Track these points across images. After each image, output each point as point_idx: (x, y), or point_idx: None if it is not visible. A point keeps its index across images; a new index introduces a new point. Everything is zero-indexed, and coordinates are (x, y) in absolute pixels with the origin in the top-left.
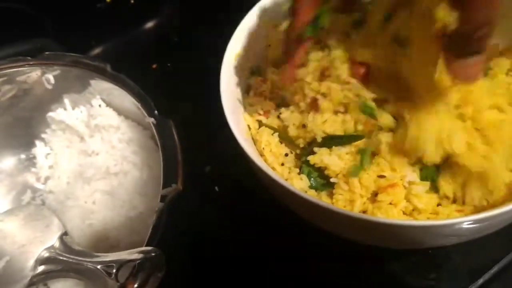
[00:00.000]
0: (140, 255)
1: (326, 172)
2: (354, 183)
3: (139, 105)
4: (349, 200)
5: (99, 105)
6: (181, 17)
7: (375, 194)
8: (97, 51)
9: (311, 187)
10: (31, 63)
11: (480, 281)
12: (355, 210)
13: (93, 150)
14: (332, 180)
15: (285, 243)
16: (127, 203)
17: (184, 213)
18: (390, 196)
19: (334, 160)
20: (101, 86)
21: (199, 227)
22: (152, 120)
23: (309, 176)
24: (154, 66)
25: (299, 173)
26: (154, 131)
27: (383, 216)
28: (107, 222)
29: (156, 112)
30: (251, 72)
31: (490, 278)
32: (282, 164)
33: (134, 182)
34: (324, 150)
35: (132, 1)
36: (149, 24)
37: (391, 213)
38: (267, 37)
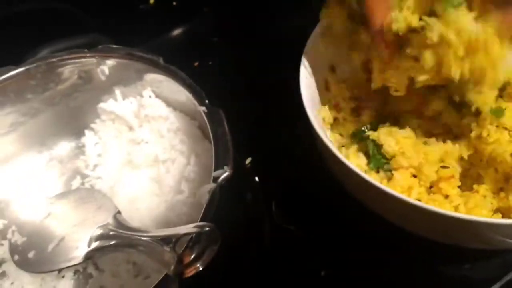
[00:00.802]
0: (196, 229)
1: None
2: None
3: (190, 95)
4: (407, 187)
5: (149, 96)
6: (220, 17)
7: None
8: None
9: (370, 167)
10: (87, 55)
11: None
12: (412, 197)
13: (142, 139)
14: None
15: (335, 229)
16: (174, 189)
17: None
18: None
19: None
20: (152, 78)
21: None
22: (203, 109)
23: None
24: (196, 64)
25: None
26: (206, 119)
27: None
28: (154, 207)
29: (207, 101)
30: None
31: None
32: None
33: (181, 168)
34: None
35: (174, 3)
36: (190, 24)
37: (444, 207)
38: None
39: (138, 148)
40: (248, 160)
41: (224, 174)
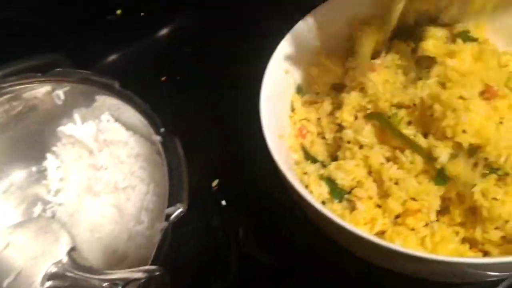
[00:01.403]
0: (145, 274)
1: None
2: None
3: (146, 122)
4: (370, 218)
5: (108, 120)
6: (192, 29)
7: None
8: (107, 62)
9: (333, 195)
10: (41, 79)
11: None
12: (375, 230)
13: (102, 165)
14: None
15: (298, 256)
16: (134, 218)
17: (191, 227)
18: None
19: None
20: (110, 101)
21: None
22: (158, 138)
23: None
24: (163, 78)
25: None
26: (160, 149)
27: (401, 242)
28: (115, 236)
29: (162, 129)
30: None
31: None
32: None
33: (141, 196)
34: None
35: (142, 14)
36: (159, 36)
37: (410, 240)
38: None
39: (98, 174)
40: (215, 183)
41: (177, 211)
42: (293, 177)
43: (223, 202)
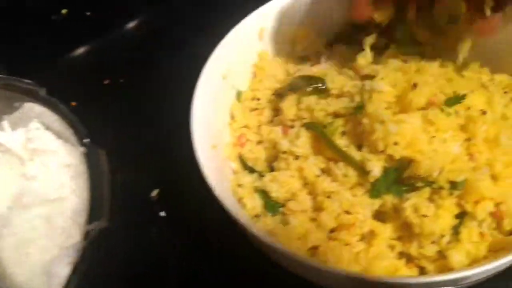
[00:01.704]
0: None
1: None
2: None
3: (70, 132)
4: (303, 232)
5: (37, 128)
6: (140, 33)
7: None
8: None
9: (267, 208)
10: None
11: None
12: (308, 245)
13: (32, 175)
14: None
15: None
16: (65, 231)
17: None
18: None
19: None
20: (37, 108)
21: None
22: (82, 149)
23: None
24: (107, 81)
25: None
26: (83, 160)
27: (334, 258)
28: (44, 251)
29: (87, 140)
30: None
31: None
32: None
33: (72, 209)
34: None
35: (88, 13)
36: (106, 38)
37: (343, 256)
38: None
39: (28, 184)
40: (154, 192)
41: (97, 227)
42: (222, 191)
43: (162, 213)
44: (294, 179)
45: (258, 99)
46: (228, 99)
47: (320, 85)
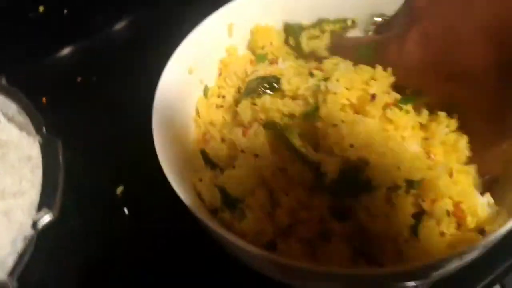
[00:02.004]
0: None
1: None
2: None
3: (28, 121)
4: (259, 228)
5: None
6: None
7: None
8: (21, 65)
9: (225, 204)
10: None
11: None
12: (264, 240)
13: None
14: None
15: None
16: (23, 226)
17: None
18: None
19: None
20: (1, 99)
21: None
22: (38, 138)
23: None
24: (79, 79)
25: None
26: (40, 151)
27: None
28: (3, 245)
29: (44, 130)
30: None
31: None
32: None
33: (30, 203)
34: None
35: (65, 11)
36: (82, 37)
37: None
38: None
39: None
40: (119, 190)
41: (46, 219)
42: (181, 185)
43: (126, 211)
44: (251, 176)
45: (224, 97)
46: (195, 94)
47: (274, 85)
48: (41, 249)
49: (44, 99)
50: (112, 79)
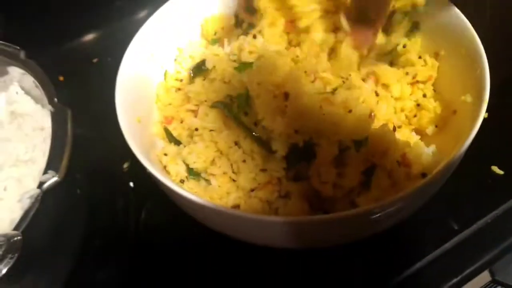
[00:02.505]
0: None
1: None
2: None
3: (42, 91)
4: (224, 192)
5: (16, 92)
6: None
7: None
8: (42, 46)
9: (192, 174)
10: None
11: None
12: (230, 204)
13: (6, 136)
14: (202, 175)
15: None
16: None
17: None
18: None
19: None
20: (16, 72)
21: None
22: (50, 108)
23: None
24: (95, 60)
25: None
26: (50, 118)
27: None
28: (12, 210)
29: (55, 100)
30: None
31: None
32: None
33: (40, 171)
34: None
35: None
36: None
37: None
38: None
39: (3, 145)
40: (126, 165)
41: (51, 180)
42: (148, 160)
43: (131, 184)
44: (209, 149)
45: (181, 80)
46: (156, 78)
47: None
48: (46, 208)
49: (61, 77)
50: None
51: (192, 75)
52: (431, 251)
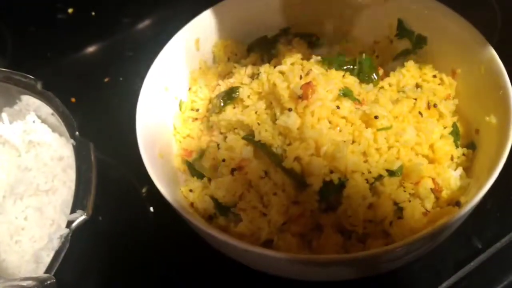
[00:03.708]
0: (34, 283)
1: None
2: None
3: (61, 123)
4: (256, 228)
5: (33, 121)
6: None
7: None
8: (51, 64)
9: (219, 209)
10: None
11: None
12: (262, 239)
13: (26, 166)
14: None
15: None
16: (55, 222)
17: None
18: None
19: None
20: (32, 102)
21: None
22: (72, 141)
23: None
24: (106, 79)
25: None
26: (73, 153)
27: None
28: (35, 239)
29: (77, 133)
30: None
31: None
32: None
33: (62, 201)
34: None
35: (93, 13)
36: (108, 38)
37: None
38: None
39: (23, 175)
40: (144, 189)
41: (80, 218)
42: (174, 197)
43: (151, 209)
44: (237, 182)
45: (197, 110)
46: (172, 110)
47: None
48: (73, 246)
49: (73, 99)
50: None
51: (222, 103)
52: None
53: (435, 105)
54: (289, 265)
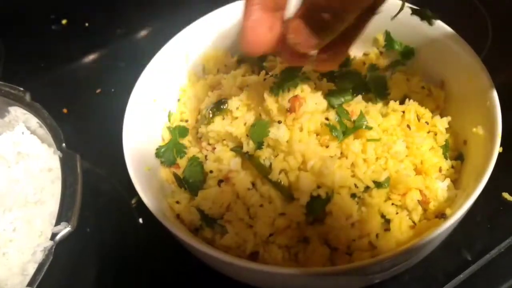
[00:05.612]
0: None
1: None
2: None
3: (49, 136)
4: (242, 240)
5: (22, 133)
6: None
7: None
8: (44, 75)
9: (205, 221)
10: None
11: None
12: (247, 251)
13: (15, 178)
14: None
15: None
16: (43, 233)
17: (99, 245)
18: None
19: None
20: (21, 113)
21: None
22: (59, 153)
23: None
24: (98, 90)
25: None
26: (60, 165)
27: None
28: (22, 251)
29: (64, 145)
30: None
31: None
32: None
33: (50, 212)
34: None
35: (86, 24)
36: (101, 49)
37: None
38: None
39: (11, 187)
40: (134, 200)
41: (64, 230)
42: (159, 209)
43: (140, 220)
44: (225, 194)
45: (186, 121)
46: (161, 122)
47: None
48: (57, 258)
49: (65, 110)
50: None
51: (211, 115)
52: (445, 283)
53: (426, 123)
54: (274, 278)
